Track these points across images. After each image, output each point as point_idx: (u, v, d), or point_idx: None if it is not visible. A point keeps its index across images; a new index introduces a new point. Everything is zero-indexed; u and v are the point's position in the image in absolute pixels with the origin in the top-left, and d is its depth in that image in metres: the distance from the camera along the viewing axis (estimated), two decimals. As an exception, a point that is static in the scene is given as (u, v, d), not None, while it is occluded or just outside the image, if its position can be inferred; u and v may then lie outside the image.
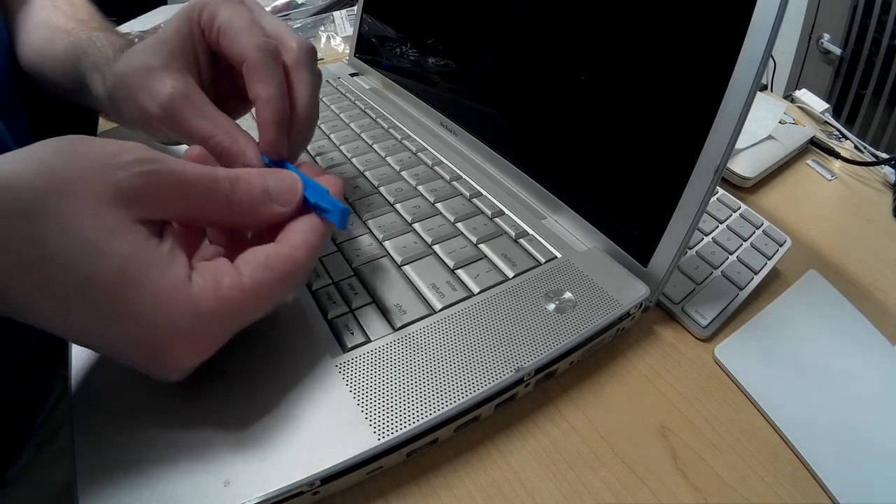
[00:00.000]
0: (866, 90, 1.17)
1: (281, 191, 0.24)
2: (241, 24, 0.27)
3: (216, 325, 0.21)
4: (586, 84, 0.34)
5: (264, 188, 0.23)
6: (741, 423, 0.29)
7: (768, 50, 0.25)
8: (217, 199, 0.22)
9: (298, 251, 0.23)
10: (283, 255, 0.22)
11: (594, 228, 0.34)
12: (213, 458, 0.22)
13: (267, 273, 0.21)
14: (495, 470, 0.26)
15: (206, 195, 0.22)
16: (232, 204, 0.22)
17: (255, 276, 0.21)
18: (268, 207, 0.23)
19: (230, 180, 0.22)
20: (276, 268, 0.22)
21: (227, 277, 0.21)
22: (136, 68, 0.27)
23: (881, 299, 0.39)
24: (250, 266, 0.21)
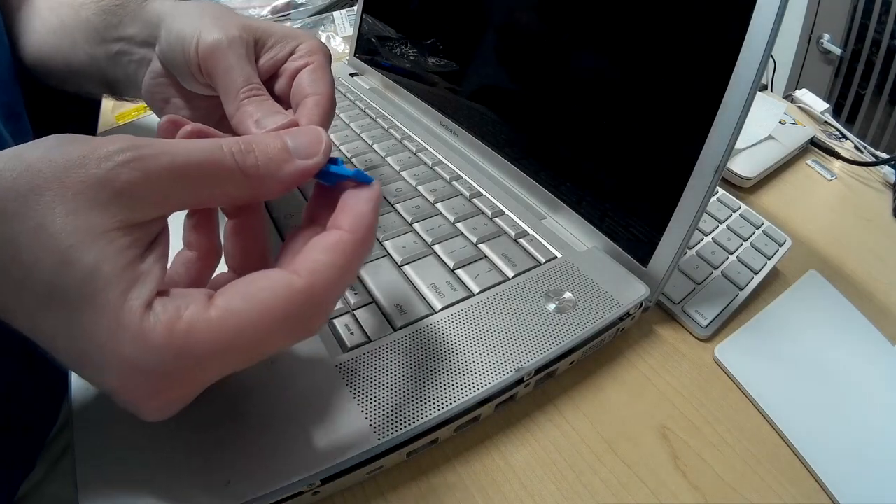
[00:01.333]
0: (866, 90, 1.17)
1: (302, 143, 0.20)
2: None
3: (174, 364, 0.17)
4: (586, 84, 0.34)
5: (283, 145, 0.20)
6: (741, 423, 0.29)
7: (768, 50, 0.25)
8: (226, 170, 0.18)
9: (296, 276, 0.18)
10: (272, 280, 0.18)
11: (594, 228, 0.34)
12: (213, 458, 0.22)
13: (244, 304, 0.17)
14: (495, 470, 0.26)
15: (211, 169, 0.18)
16: (246, 171, 0.19)
17: (227, 306, 0.17)
18: (290, 165, 0.20)
19: (239, 145, 0.19)
20: (258, 298, 0.17)
21: (190, 308, 0.17)
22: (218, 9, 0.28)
23: (881, 299, 0.39)
24: (225, 296, 0.17)
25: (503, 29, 0.41)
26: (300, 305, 0.18)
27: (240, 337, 0.17)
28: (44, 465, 0.39)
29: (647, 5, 0.30)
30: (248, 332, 0.17)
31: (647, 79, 0.31)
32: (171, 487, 0.21)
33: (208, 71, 0.27)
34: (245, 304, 0.17)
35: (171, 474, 0.22)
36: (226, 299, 0.17)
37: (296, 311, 0.18)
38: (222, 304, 0.17)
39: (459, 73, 0.45)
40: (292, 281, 0.18)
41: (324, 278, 0.18)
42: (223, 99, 0.27)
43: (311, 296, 0.18)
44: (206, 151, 0.18)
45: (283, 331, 0.18)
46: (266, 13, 0.74)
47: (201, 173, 0.18)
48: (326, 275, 0.18)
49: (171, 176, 0.17)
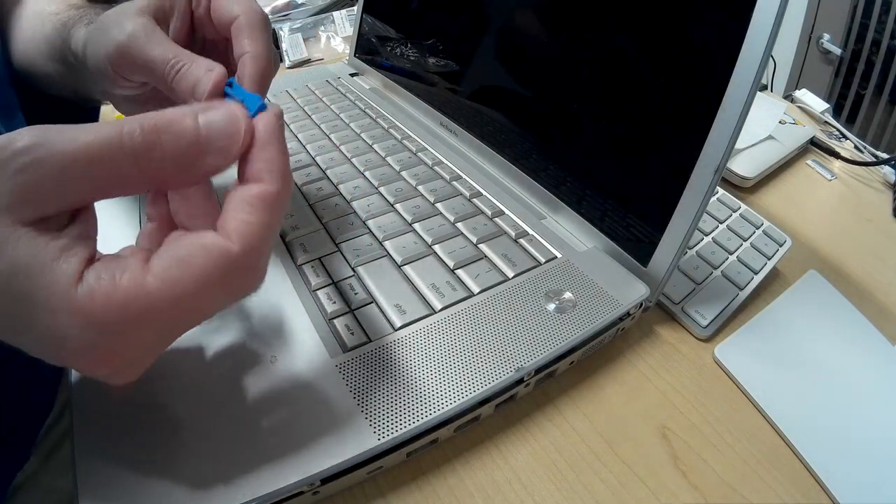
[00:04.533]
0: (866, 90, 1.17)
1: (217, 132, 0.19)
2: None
3: (118, 335, 0.17)
4: (586, 84, 0.34)
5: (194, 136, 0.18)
6: (741, 423, 0.29)
7: (768, 50, 0.25)
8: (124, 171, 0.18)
9: (230, 241, 0.18)
10: (208, 247, 0.18)
11: (594, 228, 0.34)
12: (213, 458, 0.22)
13: (181, 270, 0.17)
14: (495, 470, 0.26)
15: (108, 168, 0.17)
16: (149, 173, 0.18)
17: (164, 274, 0.17)
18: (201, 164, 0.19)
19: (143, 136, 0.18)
20: (195, 265, 0.17)
21: (126, 276, 0.17)
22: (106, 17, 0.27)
23: (881, 299, 0.39)
24: (161, 261, 0.17)
25: (503, 29, 0.41)
26: (237, 271, 0.18)
27: (178, 304, 0.17)
28: (39, 455, 0.39)
29: (647, 5, 0.30)
30: (186, 300, 0.18)
31: (647, 79, 0.31)
32: (171, 487, 0.21)
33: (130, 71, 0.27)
34: (182, 272, 0.17)
35: (170, 474, 0.22)
36: (162, 266, 0.17)
37: (233, 277, 0.18)
38: (159, 273, 0.17)
39: (459, 73, 0.45)
40: (228, 249, 0.18)
41: (257, 239, 0.18)
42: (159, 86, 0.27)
43: (246, 260, 0.18)
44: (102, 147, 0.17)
45: (221, 294, 0.19)
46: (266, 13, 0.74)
47: (96, 172, 0.17)
48: (259, 236, 0.18)
49: (64, 177, 0.17)
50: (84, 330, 0.17)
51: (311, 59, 0.68)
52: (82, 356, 0.18)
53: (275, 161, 0.19)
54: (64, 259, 0.17)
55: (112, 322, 0.17)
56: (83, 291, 0.17)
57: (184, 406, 0.24)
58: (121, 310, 0.17)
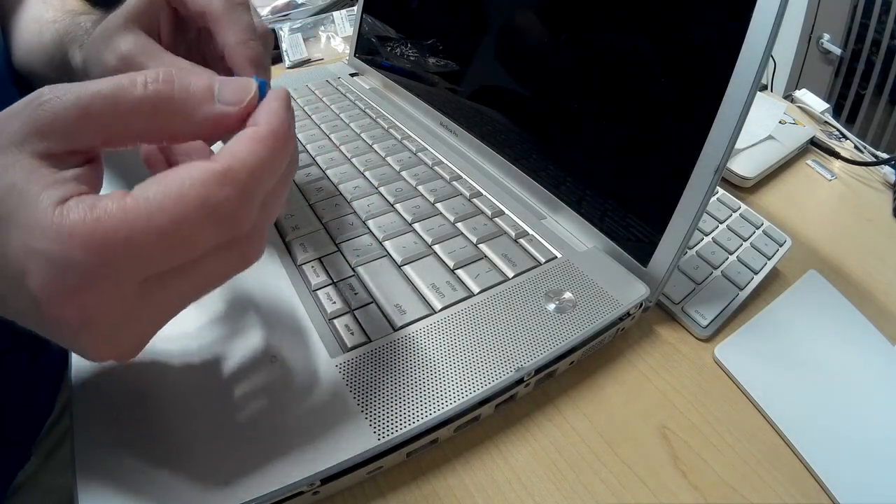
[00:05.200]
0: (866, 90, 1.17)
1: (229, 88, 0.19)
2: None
3: (91, 256, 0.16)
4: (586, 84, 0.34)
5: (208, 83, 0.19)
6: (741, 423, 0.29)
7: (768, 50, 0.25)
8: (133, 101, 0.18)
9: (213, 162, 0.17)
10: (189, 167, 0.17)
11: (594, 228, 0.34)
12: (212, 458, 0.22)
13: (159, 188, 0.17)
14: (495, 470, 0.26)
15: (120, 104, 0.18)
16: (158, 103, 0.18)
17: (141, 193, 0.16)
18: (209, 106, 0.19)
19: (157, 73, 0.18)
20: (173, 180, 0.17)
21: (104, 200, 0.16)
22: (100, 31, 0.27)
23: (881, 299, 0.39)
24: (143, 186, 0.17)
25: (503, 29, 0.41)
26: (218, 187, 0.17)
27: (153, 221, 0.16)
28: (40, 454, 0.39)
29: (647, 5, 0.30)
30: (162, 216, 0.16)
31: (647, 78, 0.31)
32: (170, 487, 0.21)
33: None
34: (160, 188, 0.17)
35: (170, 474, 0.22)
36: (142, 188, 0.17)
37: (213, 195, 0.17)
38: (137, 193, 0.17)
39: (459, 73, 0.45)
40: (209, 165, 0.17)
41: (241, 161, 0.18)
42: None
43: (229, 178, 0.17)
44: (117, 85, 0.18)
45: (201, 217, 0.17)
46: (266, 13, 0.74)
47: (109, 108, 0.18)
48: (244, 160, 0.18)
49: (77, 111, 0.18)
50: (52, 246, 0.16)
51: (311, 59, 0.68)
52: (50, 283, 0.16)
53: (273, 111, 0.20)
54: (54, 187, 0.17)
55: (85, 242, 0.16)
56: (61, 211, 0.16)
57: (183, 406, 0.24)
58: (94, 226, 0.16)
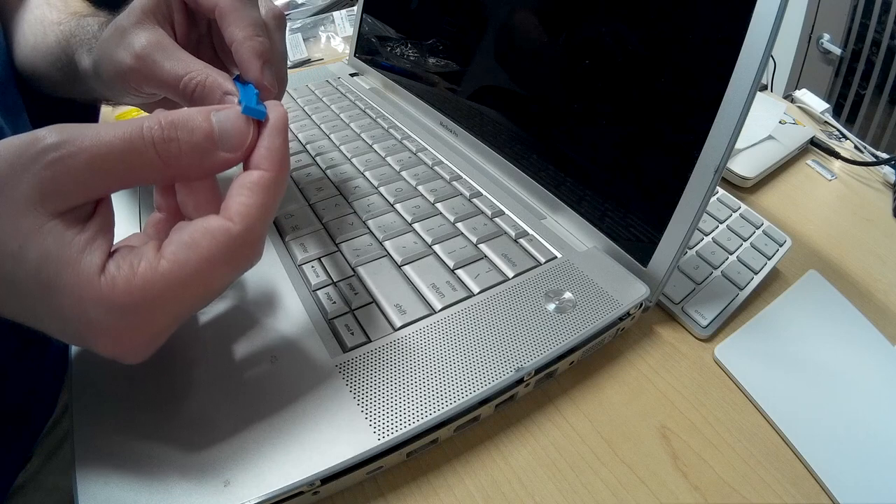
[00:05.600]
0: (866, 90, 1.17)
1: (229, 134, 0.21)
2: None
3: (138, 316, 0.19)
4: (586, 84, 0.34)
5: (208, 131, 0.21)
6: (741, 423, 0.29)
7: (768, 50, 0.25)
8: (146, 161, 0.20)
9: (231, 222, 0.20)
10: (212, 230, 0.20)
11: (594, 228, 0.34)
12: (213, 458, 0.22)
13: (190, 253, 0.19)
14: (495, 470, 0.26)
15: (130, 159, 0.19)
16: (167, 161, 0.20)
17: (175, 258, 0.19)
18: (213, 156, 0.21)
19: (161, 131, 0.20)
20: (202, 246, 0.19)
21: (143, 264, 0.19)
22: (111, 31, 0.28)
23: (881, 299, 0.39)
24: (172, 246, 0.19)
25: (503, 29, 0.41)
26: (239, 248, 0.20)
27: (190, 283, 0.19)
28: (41, 454, 0.39)
29: (647, 5, 0.30)
30: (197, 278, 0.20)
31: (647, 79, 0.31)
32: (170, 487, 0.21)
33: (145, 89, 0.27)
34: (191, 253, 0.19)
35: (170, 474, 0.22)
36: (172, 250, 0.19)
37: (235, 254, 0.20)
38: (171, 256, 0.19)
39: (459, 73, 0.45)
40: (229, 228, 0.20)
41: (255, 220, 0.20)
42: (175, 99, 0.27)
43: (247, 238, 0.20)
44: (125, 141, 0.19)
45: (226, 271, 0.21)
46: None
47: (120, 164, 0.19)
48: (257, 216, 0.20)
49: (91, 170, 0.19)
50: (107, 314, 0.19)
51: (311, 59, 0.68)
52: (103, 337, 0.19)
53: (276, 150, 0.22)
54: (89, 251, 0.19)
55: (132, 305, 0.19)
56: (106, 280, 0.18)
57: (183, 406, 0.24)
58: (139, 293, 0.19)
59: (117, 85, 0.28)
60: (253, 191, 0.21)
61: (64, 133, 0.18)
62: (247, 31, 0.26)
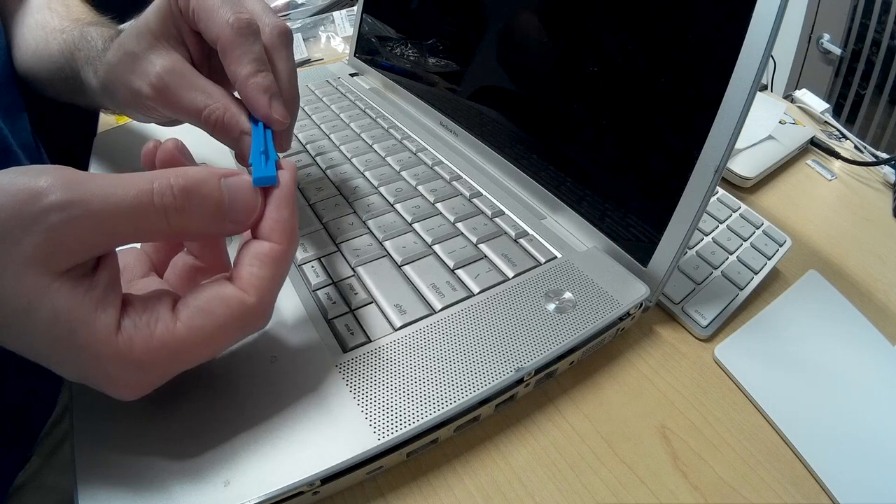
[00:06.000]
0: (866, 90, 1.17)
1: (238, 207, 0.21)
2: (212, 2, 0.26)
3: (151, 371, 0.20)
4: (586, 84, 0.34)
5: (218, 204, 0.21)
6: (741, 423, 0.29)
7: (768, 50, 0.25)
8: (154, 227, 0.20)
9: (246, 294, 0.21)
10: (226, 298, 0.21)
11: (594, 228, 0.34)
12: (213, 458, 0.22)
13: (206, 319, 0.20)
14: (495, 470, 0.26)
15: (139, 225, 0.19)
16: (177, 231, 0.20)
17: (191, 323, 0.20)
18: (221, 226, 0.21)
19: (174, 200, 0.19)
20: (217, 313, 0.20)
21: (159, 325, 0.19)
22: (123, 56, 0.27)
23: (881, 299, 0.39)
24: (188, 310, 0.20)
25: (503, 29, 0.41)
26: (252, 317, 0.21)
27: (203, 345, 0.21)
28: (41, 454, 0.39)
29: (647, 5, 0.30)
30: (210, 342, 0.21)
31: (647, 79, 0.31)
32: (171, 487, 0.21)
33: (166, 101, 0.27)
34: (207, 320, 0.20)
35: (170, 474, 0.22)
36: (189, 315, 0.20)
37: (248, 322, 0.21)
38: (186, 321, 0.20)
39: (459, 73, 0.45)
40: (244, 300, 0.21)
41: (267, 291, 0.21)
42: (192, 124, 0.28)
43: (259, 309, 0.21)
44: (135, 208, 0.19)
45: (237, 336, 0.22)
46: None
47: (129, 227, 0.19)
48: (269, 287, 0.22)
49: (98, 233, 0.18)
50: (125, 371, 0.19)
51: (311, 59, 0.68)
52: (118, 387, 0.20)
53: (285, 222, 0.22)
54: (101, 310, 0.19)
55: (149, 364, 0.20)
56: (124, 340, 0.19)
57: (183, 406, 0.24)
58: (157, 354, 0.19)
59: (133, 108, 0.29)
60: (265, 263, 0.21)
61: (68, 191, 0.18)
62: (249, 67, 0.26)
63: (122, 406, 0.24)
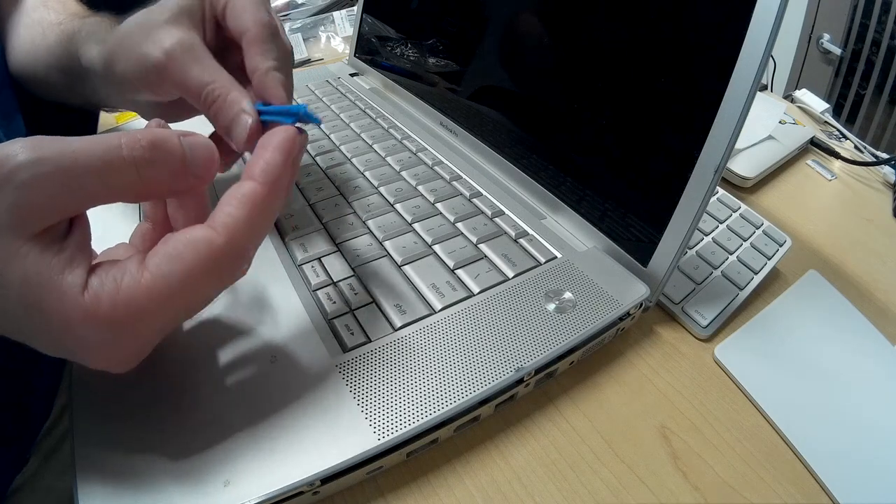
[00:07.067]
0: (866, 90, 1.17)
1: (198, 159, 0.21)
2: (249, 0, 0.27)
3: (124, 330, 0.19)
4: (586, 84, 0.34)
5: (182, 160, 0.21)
6: (741, 423, 0.29)
7: (768, 50, 0.25)
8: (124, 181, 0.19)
9: (215, 233, 0.20)
10: (194, 240, 0.20)
11: (594, 228, 0.34)
12: (212, 458, 0.22)
13: (174, 265, 0.19)
14: (495, 470, 0.26)
15: (108, 180, 0.19)
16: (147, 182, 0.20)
17: (158, 270, 0.19)
18: (184, 179, 0.21)
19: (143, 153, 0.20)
20: (184, 257, 0.19)
21: (126, 278, 0.19)
22: (141, 23, 0.28)
23: (881, 299, 0.39)
24: (156, 258, 0.19)
25: (503, 29, 0.41)
26: (221, 259, 0.20)
27: (173, 295, 0.19)
28: (39, 456, 0.39)
29: (647, 5, 0.30)
30: (180, 290, 0.19)
31: (647, 79, 0.31)
32: (171, 487, 0.21)
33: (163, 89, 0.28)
34: (173, 265, 0.19)
35: (170, 474, 0.22)
36: (156, 263, 0.19)
37: (218, 265, 0.20)
38: (154, 270, 0.19)
39: (459, 73, 0.45)
40: (213, 240, 0.20)
41: (240, 233, 0.20)
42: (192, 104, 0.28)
43: (230, 250, 0.20)
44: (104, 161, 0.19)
45: (209, 283, 0.21)
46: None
47: (97, 183, 0.19)
48: (242, 230, 0.20)
49: (67, 190, 0.18)
50: (94, 330, 0.19)
51: (311, 59, 0.68)
52: (93, 353, 0.20)
53: (272, 165, 0.21)
54: (69, 271, 0.18)
55: (118, 320, 0.19)
56: (90, 297, 0.18)
57: (183, 406, 0.24)
58: (124, 308, 0.19)
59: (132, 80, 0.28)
60: (241, 203, 0.21)
61: (36, 150, 0.18)
62: (272, 62, 0.27)
63: (121, 406, 0.24)
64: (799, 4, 1.21)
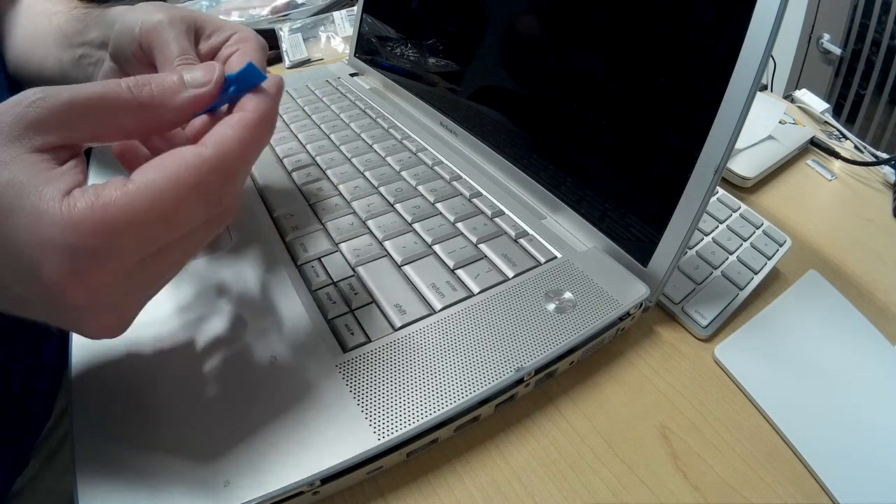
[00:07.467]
0: (866, 90, 1.17)
1: (196, 75, 0.22)
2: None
3: (99, 241, 0.18)
4: (586, 84, 0.34)
5: (178, 77, 0.22)
6: (741, 423, 0.29)
7: (768, 50, 0.25)
8: (122, 101, 0.20)
9: (203, 147, 0.20)
10: (182, 152, 0.19)
11: (594, 228, 0.34)
12: (213, 458, 0.22)
13: (157, 173, 0.19)
14: (495, 470, 0.26)
15: (108, 100, 0.20)
16: (141, 100, 0.20)
17: (142, 178, 0.18)
18: (184, 93, 0.21)
19: (136, 79, 0.21)
20: (169, 167, 0.19)
21: (108, 187, 0.18)
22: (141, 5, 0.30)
23: (881, 299, 0.39)
24: (141, 171, 0.19)
25: (503, 29, 0.41)
26: (208, 172, 0.20)
27: (155, 204, 0.18)
28: (39, 458, 0.39)
29: (647, 5, 0.30)
30: (162, 199, 0.19)
31: (647, 79, 0.31)
32: (170, 487, 0.21)
33: (148, 46, 0.29)
34: (158, 174, 0.19)
35: (170, 474, 0.22)
36: (141, 173, 0.19)
37: (205, 178, 0.20)
38: (137, 178, 0.19)
39: (459, 73, 0.45)
40: (201, 151, 0.20)
41: (228, 148, 0.20)
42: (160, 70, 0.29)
43: (218, 163, 0.20)
44: (104, 86, 0.20)
45: (195, 198, 0.20)
46: (266, 13, 0.74)
47: (99, 104, 0.20)
48: (231, 146, 0.20)
49: (72, 108, 0.19)
50: (61, 234, 0.17)
51: (311, 59, 0.68)
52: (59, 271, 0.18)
53: (261, 100, 0.22)
54: (57, 179, 0.18)
55: (91, 225, 0.17)
56: (67, 203, 0.18)
57: (183, 406, 0.24)
58: (100, 211, 0.18)
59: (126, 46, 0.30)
60: (231, 125, 0.21)
61: (47, 90, 0.19)
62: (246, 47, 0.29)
63: (121, 406, 0.24)
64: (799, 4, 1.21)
